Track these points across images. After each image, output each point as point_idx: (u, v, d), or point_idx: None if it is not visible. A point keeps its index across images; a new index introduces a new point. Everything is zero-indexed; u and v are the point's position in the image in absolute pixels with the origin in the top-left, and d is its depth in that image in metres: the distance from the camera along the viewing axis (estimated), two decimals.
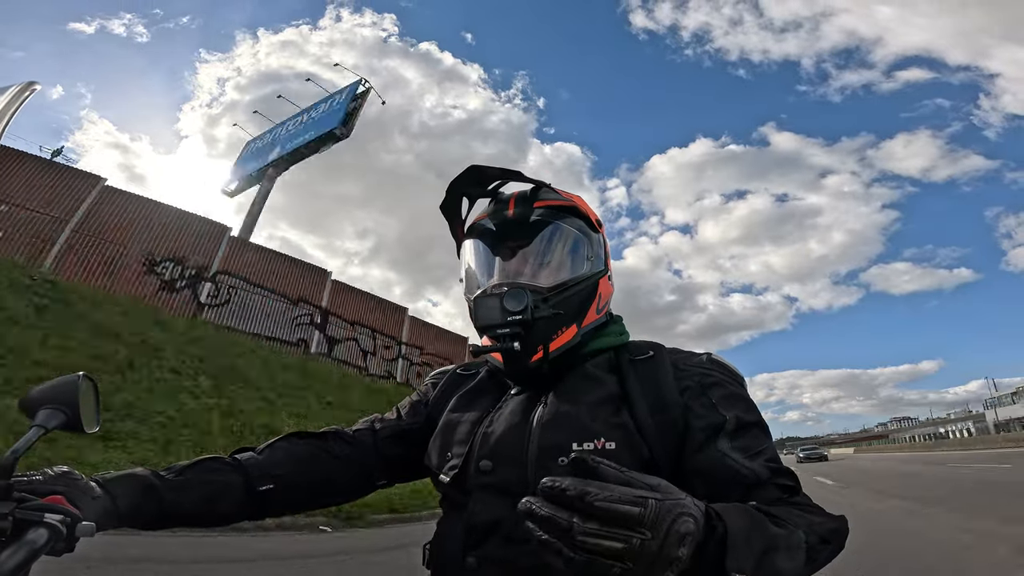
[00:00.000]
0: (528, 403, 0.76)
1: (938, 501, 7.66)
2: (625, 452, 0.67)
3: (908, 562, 4.33)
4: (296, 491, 0.79)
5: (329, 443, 0.84)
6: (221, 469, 0.74)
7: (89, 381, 0.66)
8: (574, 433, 0.69)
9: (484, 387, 0.85)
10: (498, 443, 0.73)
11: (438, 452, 0.79)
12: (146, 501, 0.65)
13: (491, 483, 0.71)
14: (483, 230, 0.82)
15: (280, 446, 0.81)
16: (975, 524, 5.50)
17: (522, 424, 0.73)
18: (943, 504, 7.26)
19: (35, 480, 0.57)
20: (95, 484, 0.61)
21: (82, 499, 0.58)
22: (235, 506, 0.74)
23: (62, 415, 0.61)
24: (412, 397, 0.95)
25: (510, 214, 0.80)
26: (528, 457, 0.69)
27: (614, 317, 0.87)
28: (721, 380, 0.73)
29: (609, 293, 0.84)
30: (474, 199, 0.86)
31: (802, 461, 33.48)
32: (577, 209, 0.82)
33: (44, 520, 0.52)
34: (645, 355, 0.78)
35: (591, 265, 0.80)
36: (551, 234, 0.79)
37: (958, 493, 8.59)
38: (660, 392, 0.72)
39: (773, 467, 0.65)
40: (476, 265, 0.82)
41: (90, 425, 0.65)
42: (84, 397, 0.63)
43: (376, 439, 0.87)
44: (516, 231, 0.79)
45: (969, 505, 6.86)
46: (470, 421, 0.79)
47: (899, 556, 4.53)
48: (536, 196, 0.81)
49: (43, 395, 0.61)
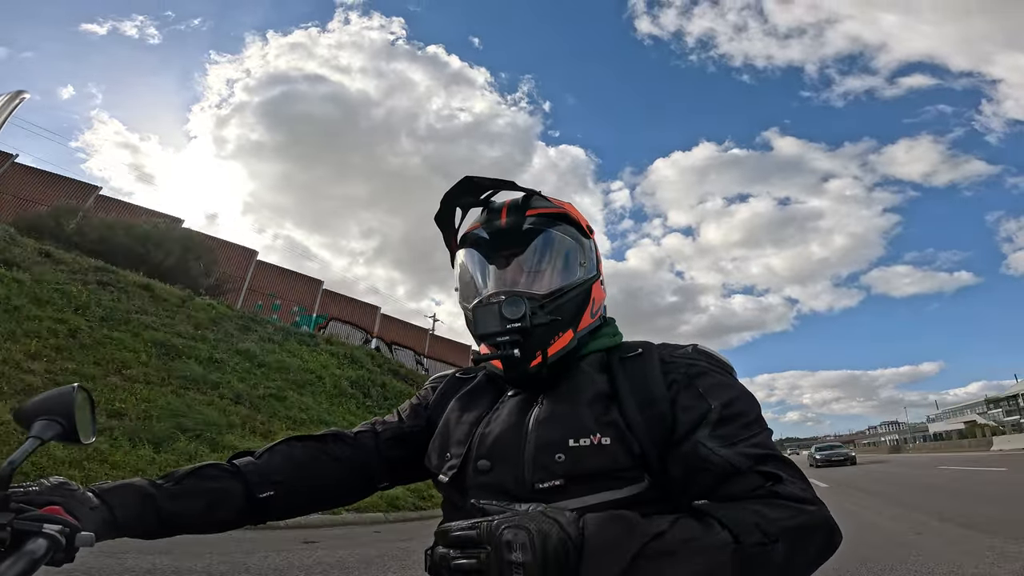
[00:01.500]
0: (525, 404, 0.77)
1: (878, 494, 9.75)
2: (619, 447, 0.68)
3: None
4: (296, 495, 0.80)
5: (329, 446, 0.84)
6: (220, 476, 0.74)
7: (84, 392, 0.66)
8: (570, 430, 0.69)
9: (482, 389, 0.85)
10: (496, 443, 0.73)
11: (437, 453, 0.80)
12: (144, 511, 0.65)
13: (489, 483, 0.71)
14: (477, 239, 0.82)
15: (279, 450, 0.81)
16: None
17: (519, 424, 0.74)
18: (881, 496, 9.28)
19: (32, 491, 0.57)
20: (91, 494, 0.61)
21: (80, 509, 0.58)
22: (235, 513, 0.74)
23: (58, 426, 0.61)
24: (412, 400, 0.95)
25: (503, 223, 0.80)
26: (525, 456, 0.70)
27: (607, 320, 0.88)
28: (707, 369, 0.74)
29: (602, 298, 0.85)
30: (467, 209, 0.86)
31: (819, 465, 22.46)
32: (568, 216, 0.82)
33: (43, 531, 0.52)
34: (634, 353, 0.79)
35: (584, 271, 0.81)
36: (544, 242, 0.79)
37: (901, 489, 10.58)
38: (647, 388, 0.72)
39: (756, 454, 0.64)
40: (471, 274, 0.83)
41: (86, 436, 0.65)
42: (80, 408, 0.63)
43: (378, 441, 0.87)
44: (509, 240, 0.80)
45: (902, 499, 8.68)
46: (468, 422, 0.79)
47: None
48: (528, 204, 0.81)
49: (38, 407, 0.61)
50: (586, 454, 0.67)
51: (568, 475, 0.67)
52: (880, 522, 6.38)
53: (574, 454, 0.67)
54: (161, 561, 3.49)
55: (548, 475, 0.67)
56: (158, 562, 3.47)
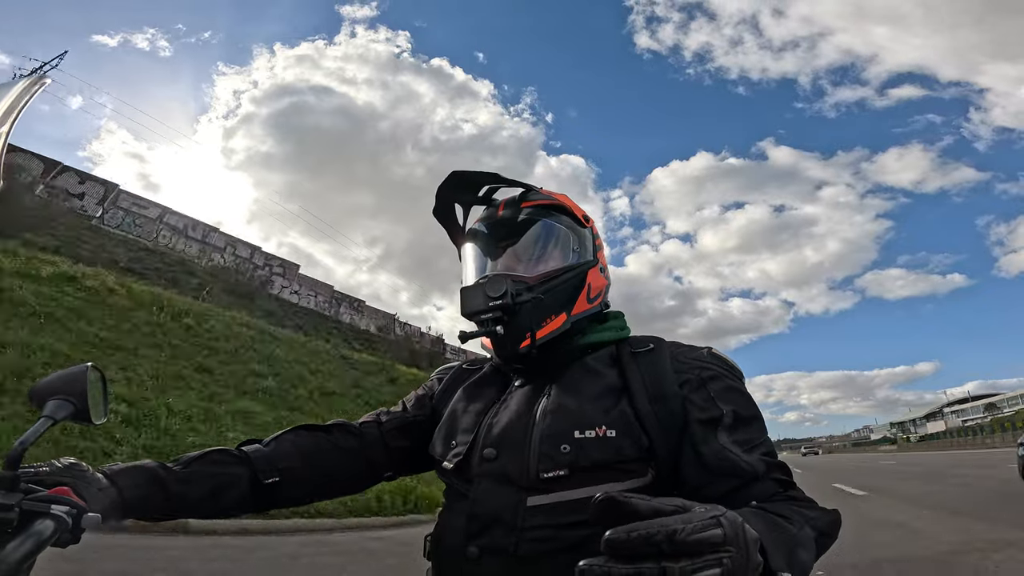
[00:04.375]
0: (532, 394, 0.77)
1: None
2: (625, 440, 0.68)
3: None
4: (302, 483, 0.80)
5: (335, 436, 0.85)
6: (228, 461, 0.75)
7: (97, 372, 0.66)
8: (575, 422, 0.69)
9: (489, 380, 0.86)
10: (503, 432, 0.74)
11: (443, 441, 0.81)
12: (152, 492, 0.66)
13: (494, 471, 0.71)
14: (476, 233, 0.86)
15: (287, 439, 0.82)
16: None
17: (526, 414, 0.74)
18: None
19: (42, 471, 0.57)
20: (101, 476, 0.62)
21: (88, 490, 0.58)
22: (241, 498, 0.74)
23: (70, 406, 0.61)
24: (418, 391, 0.95)
25: (499, 215, 0.84)
26: (531, 445, 0.70)
27: (616, 313, 0.88)
28: (720, 374, 0.74)
29: (601, 285, 0.85)
30: (468, 206, 0.90)
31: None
32: (563, 206, 0.85)
33: (50, 511, 0.52)
34: (646, 347, 0.79)
35: (577, 256, 0.82)
36: (538, 230, 0.82)
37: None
38: (660, 383, 0.72)
39: (769, 461, 0.66)
40: (470, 266, 0.86)
41: (98, 416, 0.65)
42: (92, 387, 0.63)
43: (382, 431, 0.87)
44: (506, 231, 0.83)
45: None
46: (475, 412, 0.80)
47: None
48: (524, 197, 0.85)
49: (51, 386, 0.61)
50: (591, 446, 0.67)
51: (572, 466, 0.67)
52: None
53: (579, 445, 0.67)
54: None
55: (553, 465, 0.68)
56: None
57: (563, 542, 0.64)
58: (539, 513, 0.67)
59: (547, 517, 0.66)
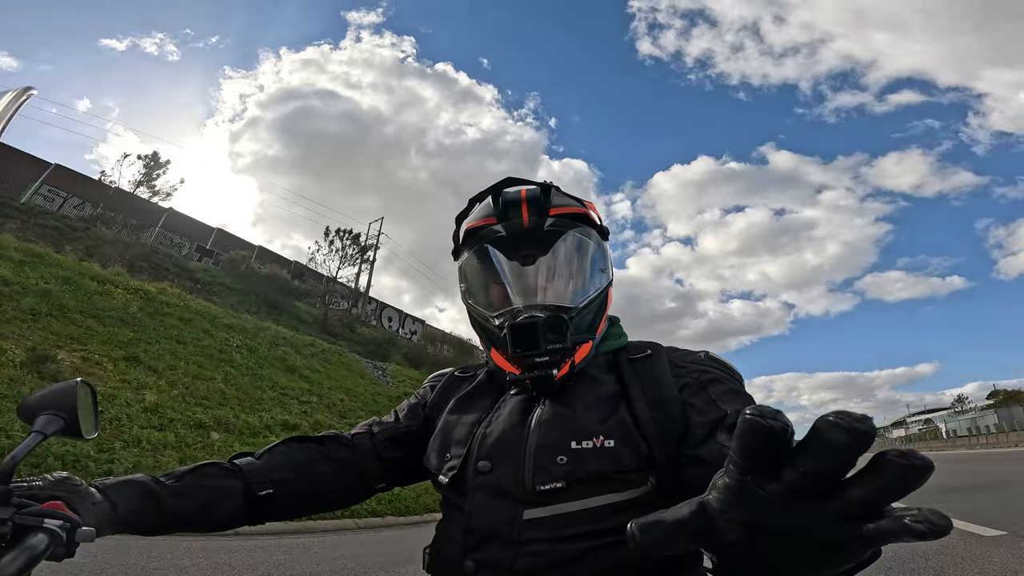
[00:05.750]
0: (527, 404, 0.75)
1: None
2: (624, 448, 0.66)
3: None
4: (295, 496, 0.79)
5: (327, 447, 0.84)
6: (220, 475, 0.74)
7: (87, 387, 0.66)
8: (572, 432, 0.68)
9: (482, 389, 0.84)
10: (496, 443, 0.72)
11: (437, 453, 0.79)
12: (146, 506, 0.65)
13: (488, 484, 0.70)
14: (494, 237, 0.78)
15: (279, 451, 0.81)
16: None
17: (520, 425, 0.72)
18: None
19: (35, 486, 0.57)
20: (95, 490, 0.61)
21: (82, 504, 0.57)
22: (235, 511, 0.73)
23: (61, 421, 0.60)
24: (410, 400, 0.94)
25: (524, 221, 0.77)
26: (526, 457, 0.69)
27: (611, 319, 0.86)
28: (719, 376, 0.73)
29: (611, 301, 0.84)
30: (473, 203, 0.83)
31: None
32: (588, 217, 0.81)
33: (44, 525, 0.52)
34: (643, 353, 0.78)
35: (604, 277, 0.80)
36: (568, 246, 0.78)
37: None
38: (659, 389, 0.71)
39: None
40: (488, 275, 0.80)
41: (89, 431, 0.65)
42: (82, 403, 0.63)
43: (374, 442, 0.86)
44: (530, 239, 0.77)
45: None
46: (469, 422, 0.78)
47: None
48: (549, 201, 0.78)
49: (41, 401, 0.61)
50: (589, 456, 0.66)
51: (570, 477, 0.65)
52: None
53: (577, 456, 0.66)
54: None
55: (549, 477, 0.66)
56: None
57: (561, 555, 0.63)
58: (536, 527, 0.65)
59: (544, 530, 0.65)
